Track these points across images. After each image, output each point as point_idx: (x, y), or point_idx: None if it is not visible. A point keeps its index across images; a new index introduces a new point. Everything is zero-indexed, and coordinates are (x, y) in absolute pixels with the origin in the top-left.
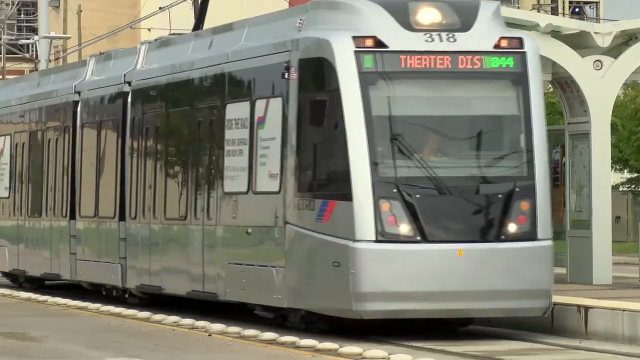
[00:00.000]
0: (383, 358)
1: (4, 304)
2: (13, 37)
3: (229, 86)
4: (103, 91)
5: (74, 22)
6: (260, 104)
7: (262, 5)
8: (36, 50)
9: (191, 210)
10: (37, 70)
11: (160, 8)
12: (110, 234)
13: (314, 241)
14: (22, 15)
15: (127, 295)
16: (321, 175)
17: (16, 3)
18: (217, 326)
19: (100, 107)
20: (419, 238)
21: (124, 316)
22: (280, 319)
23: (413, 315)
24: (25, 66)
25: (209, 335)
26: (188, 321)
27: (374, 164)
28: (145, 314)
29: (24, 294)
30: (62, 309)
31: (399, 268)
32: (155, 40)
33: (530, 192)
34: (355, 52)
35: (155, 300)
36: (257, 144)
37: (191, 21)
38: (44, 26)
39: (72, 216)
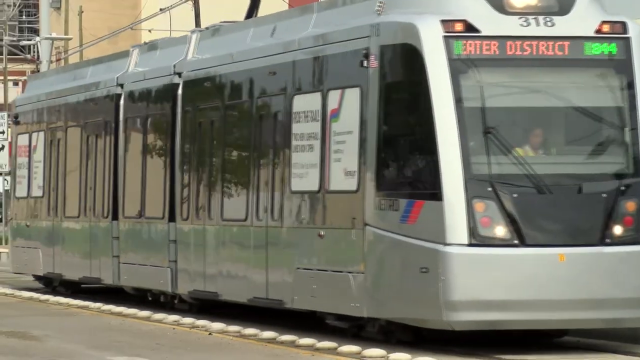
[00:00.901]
0: (382, 357)
1: (5, 303)
2: (14, 39)
3: (297, 76)
4: (149, 83)
5: (75, 23)
6: (333, 95)
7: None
8: (38, 51)
9: (252, 211)
10: (38, 71)
11: (160, 9)
12: (158, 235)
13: (398, 245)
14: (24, 17)
15: (176, 302)
16: (406, 173)
17: (17, 4)
18: (218, 325)
19: (147, 100)
20: (516, 242)
21: (125, 315)
22: (355, 329)
23: (509, 326)
24: (27, 67)
25: (210, 334)
26: (189, 320)
27: (466, 161)
28: (145, 313)
29: (26, 294)
30: (63, 309)
31: (495, 274)
32: (208, 28)
33: (637, 191)
34: (445, 37)
35: (207, 307)
36: (331, 139)
37: (191, 22)
38: (45, 27)
39: (115, 217)
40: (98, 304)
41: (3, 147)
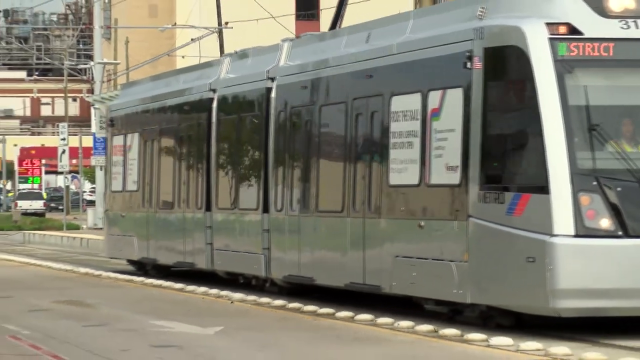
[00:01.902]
0: (371, 320)
1: (67, 277)
2: (73, 63)
3: (395, 78)
4: (242, 87)
5: (122, 50)
6: (434, 95)
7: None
8: (92, 74)
9: (349, 203)
10: (92, 90)
11: (192, 39)
12: (252, 225)
13: (504, 236)
14: (81, 45)
15: (267, 285)
16: (512, 168)
17: (76, 35)
18: (238, 295)
19: (240, 103)
20: (620, 233)
21: (163, 287)
22: (450, 313)
23: (613, 313)
24: (83, 86)
25: (232, 302)
26: (214, 291)
27: (571, 156)
28: (180, 285)
29: (83, 269)
30: (113, 282)
31: (600, 264)
32: (298, 37)
33: None
34: (550, 39)
35: (296, 290)
36: (431, 136)
37: (216, 49)
38: (98, 54)
39: (208, 208)
40: (141, 278)
41: (64, 151)
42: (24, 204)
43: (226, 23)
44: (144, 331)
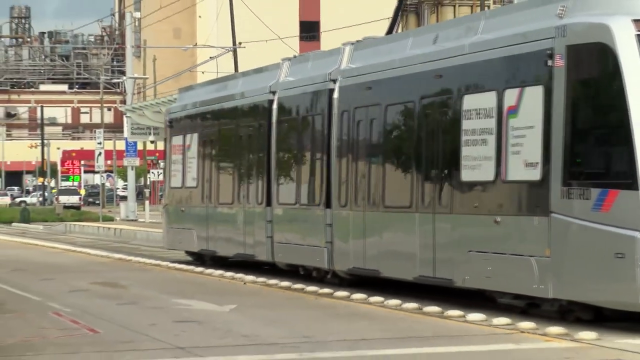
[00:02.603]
0: (363, 299)
1: (102, 262)
2: (108, 77)
3: (467, 78)
4: (303, 89)
5: (150, 67)
6: (511, 93)
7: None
8: (124, 87)
9: (417, 199)
10: (124, 101)
11: (210, 57)
12: (314, 220)
13: (591, 231)
14: (114, 62)
15: (328, 276)
16: (598, 164)
17: (110, 53)
18: (250, 277)
19: (301, 104)
20: None
21: (185, 270)
22: (525, 307)
23: None
24: (116, 97)
25: (244, 283)
26: (229, 274)
27: None
28: (199, 269)
29: (117, 255)
30: (142, 266)
31: None
32: (359, 41)
33: None
34: (637, 35)
35: (357, 282)
36: (508, 133)
37: (231, 67)
38: (130, 70)
39: (268, 203)
40: (166, 262)
41: (100, 153)
42: (63, 199)
43: (240, 43)
44: (168, 308)
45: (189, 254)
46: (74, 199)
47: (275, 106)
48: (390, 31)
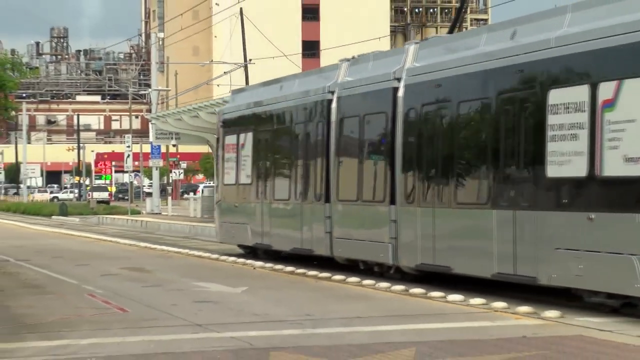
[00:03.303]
0: (357, 282)
1: (130, 250)
2: (135, 89)
3: (553, 72)
4: (365, 88)
5: (172, 80)
6: (606, 86)
7: None
8: (149, 98)
9: (494, 196)
10: (150, 110)
11: (224, 72)
12: (377, 216)
13: None
14: (141, 76)
15: (391, 271)
16: None
17: (137, 69)
18: (258, 263)
19: (362, 102)
20: None
21: (202, 257)
22: (618, 306)
23: None
24: (143, 107)
25: (254, 268)
26: (241, 260)
27: None
28: (215, 255)
29: (142, 244)
30: (165, 253)
31: None
32: (424, 40)
33: None
34: None
35: (420, 278)
36: (603, 127)
37: (242, 80)
38: (154, 83)
39: (327, 200)
40: (186, 250)
41: (129, 155)
42: (95, 195)
43: (250, 60)
44: (188, 290)
45: (242, 248)
46: (103, 195)
47: (334, 105)
48: (451, 31)
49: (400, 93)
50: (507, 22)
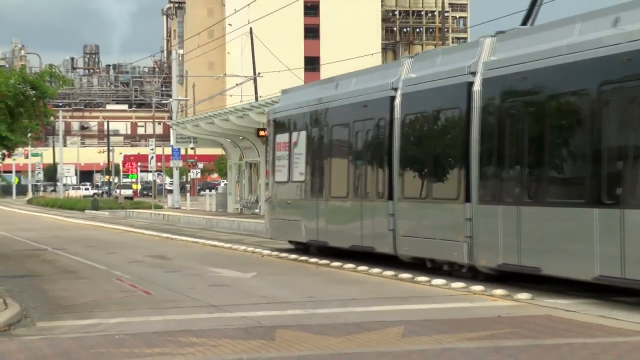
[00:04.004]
0: (352, 268)
1: (153, 240)
2: (158, 99)
3: None
4: (434, 84)
5: (190, 91)
6: None
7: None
8: (170, 106)
9: (595, 193)
10: (171, 117)
11: (236, 84)
12: (450, 214)
13: None
14: (163, 87)
15: (463, 270)
16: None
17: (160, 81)
18: (266, 251)
19: (430, 98)
20: None
21: (217, 246)
22: None
23: None
24: (165, 114)
25: (262, 256)
26: (250, 248)
27: None
28: (228, 244)
29: (164, 235)
30: (183, 243)
31: None
32: (502, 32)
33: None
34: None
35: (495, 277)
36: None
37: (251, 91)
38: (175, 93)
39: (390, 197)
40: (203, 240)
41: (153, 157)
42: (121, 191)
43: (259, 73)
44: (204, 275)
45: (293, 243)
46: (128, 192)
47: (398, 102)
48: (524, 23)
49: (477, 87)
50: (607, 9)
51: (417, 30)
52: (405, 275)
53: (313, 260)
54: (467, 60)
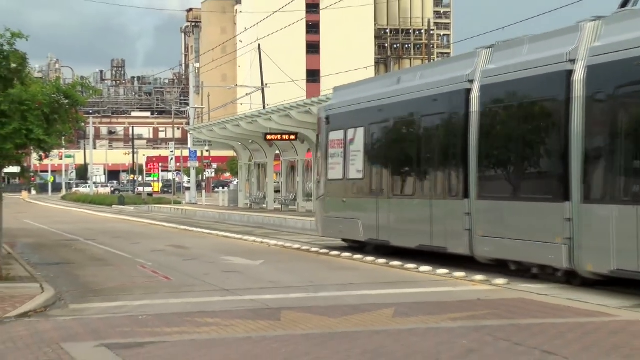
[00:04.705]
0: (349, 256)
1: (173, 232)
2: (177, 107)
3: None
4: (520, 74)
5: (206, 100)
6: None
7: None
8: (188, 114)
9: None
10: (188, 123)
11: (246, 94)
12: (544, 214)
13: None
14: (182, 97)
15: (558, 274)
16: None
17: (179, 91)
18: (273, 242)
19: (515, 90)
20: None
21: (232, 238)
22: None
23: None
24: (183, 121)
25: (269, 246)
26: (259, 239)
27: None
28: (239, 236)
29: (182, 227)
30: (200, 234)
31: None
32: (603, 17)
33: None
34: None
35: (594, 283)
36: None
37: (259, 100)
38: (192, 102)
39: (465, 195)
40: (218, 232)
41: (172, 158)
42: (141, 189)
43: (266, 84)
44: (218, 263)
45: (347, 242)
46: (148, 189)
47: (475, 94)
48: (624, 5)
49: (578, 76)
50: None
51: (406, 46)
52: (395, 263)
53: (313, 249)
54: (565, 48)
